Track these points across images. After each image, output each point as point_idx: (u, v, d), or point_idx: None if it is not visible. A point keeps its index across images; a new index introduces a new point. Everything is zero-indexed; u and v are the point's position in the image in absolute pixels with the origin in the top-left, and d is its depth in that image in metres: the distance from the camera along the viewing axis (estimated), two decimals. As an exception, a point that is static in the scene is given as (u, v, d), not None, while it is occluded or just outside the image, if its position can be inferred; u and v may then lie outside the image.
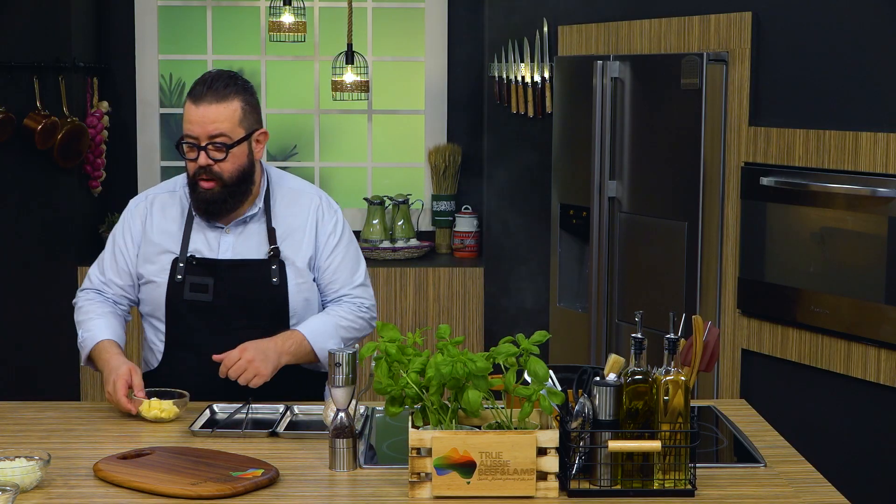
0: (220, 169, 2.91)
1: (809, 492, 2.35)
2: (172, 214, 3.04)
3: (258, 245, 3.01)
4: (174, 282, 2.98)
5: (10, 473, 2.31)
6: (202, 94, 2.88)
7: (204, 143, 2.89)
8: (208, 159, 2.89)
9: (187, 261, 2.98)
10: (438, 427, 2.35)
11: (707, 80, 4.05)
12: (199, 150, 2.89)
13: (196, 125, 2.88)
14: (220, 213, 2.97)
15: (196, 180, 2.93)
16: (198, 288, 2.98)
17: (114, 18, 5.65)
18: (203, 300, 2.98)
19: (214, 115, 2.87)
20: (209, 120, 2.87)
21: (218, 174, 2.91)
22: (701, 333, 2.42)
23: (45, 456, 2.37)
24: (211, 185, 2.92)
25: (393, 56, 5.87)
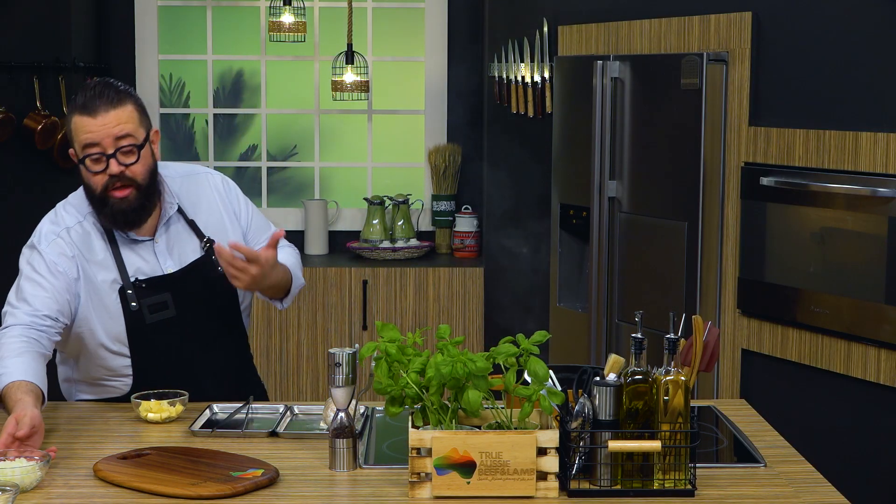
0: (132, 173, 2.80)
1: (809, 492, 2.35)
2: (92, 244, 2.88)
3: (190, 242, 2.96)
4: (131, 311, 2.87)
5: (10, 473, 2.30)
6: (94, 103, 2.76)
7: (111, 150, 2.77)
8: (120, 165, 2.78)
9: (134, 286, 2.88)
10: (438, 427, 2.35)
11: (707, 80, 4.05)
12: (108, 158, 2.78)
13: (99, 133, 2.76)
14: (139, 220, 2.86)
15: (108, 193, 2.80)
16: (157, 308, 2.89)
17: (114, 18, 5.65)
18: (167, 317, 2.91)
19: (116, 119, 2.76)
20: (112, 124, 2.76)
21: (132, 178, 2.80)
22: (701, 333, 2.42)
23: (45, 456, 2.37)
24: (126, 193, 2.80)
25: (393, 56, 5.87)
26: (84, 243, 2.88)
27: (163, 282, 2.90)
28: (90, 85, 2.82)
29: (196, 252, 2.97)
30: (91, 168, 2.80)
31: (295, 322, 5.30)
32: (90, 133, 2.76)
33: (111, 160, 2.78)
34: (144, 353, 2.92)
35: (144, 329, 2.89)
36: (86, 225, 2.90)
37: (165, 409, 2.79)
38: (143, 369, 2.94)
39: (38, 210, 5.21)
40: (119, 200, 2.81)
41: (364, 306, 5.31)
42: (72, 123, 2.80)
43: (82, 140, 2.78)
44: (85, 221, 2.91)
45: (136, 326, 2.89)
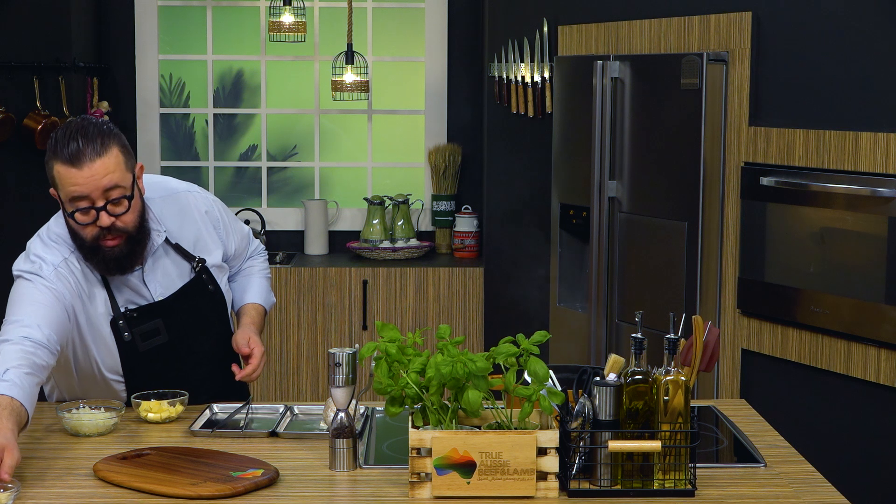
0: (123, 223, 2.70)
1: (809, 492, 2.35)
2: (82, 278, 2.78)
3: (176, 266, 2.91)
4: (124, 342, 2.83)
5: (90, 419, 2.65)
6: (78, 153, 2.61)
7: (101, 202, 2.66)
8: (110, 217, 2.68)
9: (125, 316, 2.82)
10: (438, 427, 2.35)
11: (707, 80, 4.05)
12: (98, 210, 2.66)
13: (86, 186, 2.63)
14: (132, 265, 2.78)
15: (95, 241, 2.70)
16: (150, 335, 2.85)
17: (114, 18, 5.65)
18: (160, 343, 2.87)
19: (103, 170, 2.63)
20: (99, 176, 2.63)
21: (122, 229, 2.71)
22: (701, 333, 2.42)
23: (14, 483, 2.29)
24: (117, 242, 2.71)
25: (393, 56, 5.87)
26: (75, 278, 2.78)
27: (153, 309, 2.86)
28: (71, 127, 2.66)
29: (184, 275, 2.92)
30: (80, 221, 2.68)
31: (295, 322, 5.30)
32: (77, 186, 2.63)
33: (101, 213, 2.67)
34: (139, 380, 2.90)
35: (138, 357, 2.87)
36: (71, 261, 2.78)
37: (165, 409, 2.79)
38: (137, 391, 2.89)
39: (38, 210, 5.22)
40: (110, 249, 2.72)
41: (364, 306, 5.31)
42: (55, 171, 2.65)
43: (69, 192, 2.65)
44: (70, 257, 2.78)
45: (130, 356, 2.86)
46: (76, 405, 2.76)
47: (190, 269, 2.93)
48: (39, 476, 2.44)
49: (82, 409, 2.74)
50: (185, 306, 2.91)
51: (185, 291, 2.91)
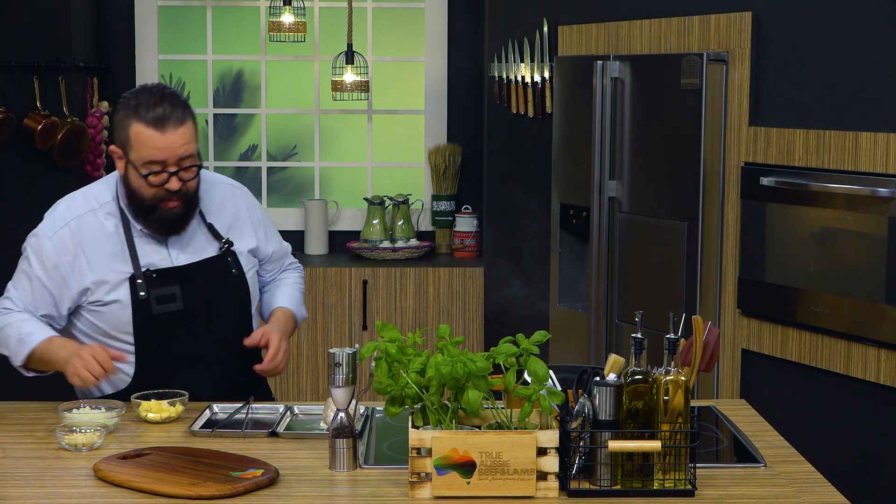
0: (188, 188, 2.87)
1: (809, 492, 2.35)
2: (105, 235, 2.91)
3: (204, 244, 3.00)
4: (139, 300, 2.88)
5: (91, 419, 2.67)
6: (164, 118, 2.80)
7: (174, 168, 2.82)
8: (180, 182, 2.84)
9: (145, 276, 2.90)
10: (438, 427, 2.35)
11: (707, 80, 4.05)
12: (170, 175, 2.82)
13: (164, 151, 2.80)
14: (183, 227, 2.92)
15: (156, 203, 2.85)
16: (166, 299, 2.91)
17: (114, 18, 5.65)
18: (174, 310, 2.92)
19: (181, 139, 2.82)
20: (178, 145, 2.81)
21: (186, 193, 2.87)
22: (701, 333, 2.42)
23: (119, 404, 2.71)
24: (177, 205, 2.87)
25: (393, 56, 5.87)
26: (92, 234, 2.91)
27: (173, 274, 2.92)
28: (154, 92, 2.84)
29: (210, 253, 3.00)
30: (152, 182, 2.82)
31: (295, 322, 5.29)
32: (157, 150, 2.80)
33: (172, 177, 2.83)
34: (148, 344, 2.93)
35: (150, 319, 2.91)
36: (99, 214, 2.93)
37: (165, 409, 2.79)
38: (145, 361, 2.94)
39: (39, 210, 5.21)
40: (169, 210, 2.86)
41: (364, 306, 5.31)
42: (133, 131, 2.80)
43: (146, 155, 2.80)
44: (100, 210, 2.93)
45: (142, 316, 2.90)
46: (77, 405, 2.76)
47: (217, 248, 3.00)
48: (39, 476, 2.44)
49: (82, 409, 2.74)
50: (205, 280, 2.97)
51: (207, 264, 2.97)
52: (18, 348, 2.88)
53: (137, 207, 2.88)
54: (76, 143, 5.19)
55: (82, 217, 2.92)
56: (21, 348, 2.88)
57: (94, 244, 2.90)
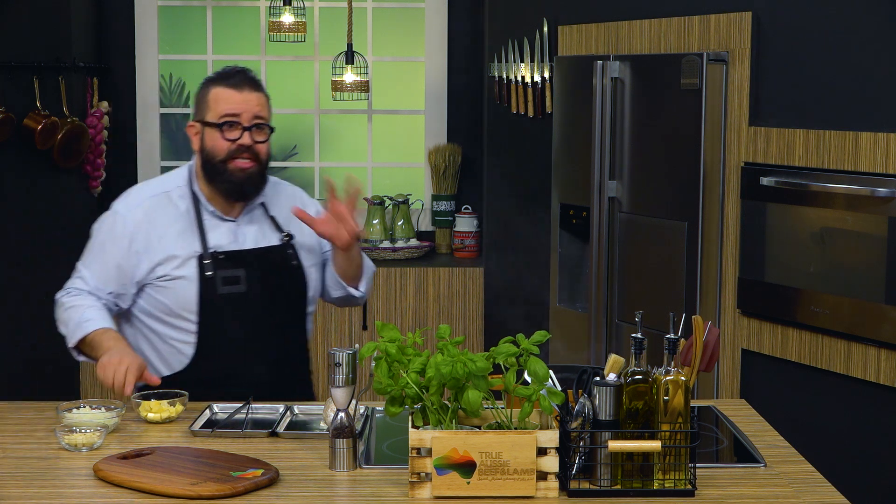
0: (259, 150, 3.02)
1: (809, 492, 2.35)
2: (175, 214, 3.04)
3: (268, 232, 3.11)
4: (205, 278, 2.99)
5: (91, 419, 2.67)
6: (240, 81, 3.02)
7: (248, 124, 2.99)
8: (251, 139, 3.00)
9: (213, 256, 3.00)
10: (438, 427, 2.35)
11: (707, 80, 4.05)
12: (244, 129, 2.99)
13: (240, 106, 2.99)
14: (253, 192, 3.05)
15: (229, 162, 2.99)
16: (230, 281, 3.00)
17: (114, 18, 5.65)
18: (237, 292, 3.01)
19: (256, 100, 3.02)
20: (253, 104, 3.01)
21: (257, 153, 3.01)
22: (701, 333, 2.42)
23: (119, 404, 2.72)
24: (249, 164, 3.00)
25: (393, 56, 5.87)
26: (165, 212, 3.03)
27: (239, 257, 3.02)
28: (233, 67, 3.11)
29: (273, 241, 3.10)
30: (226, 135, 2.98)
31: (295, 322, 5.29)
32: (233, 104, 2.99)
33: (245, 132, 2.99)
34: (210, 324, 2.99)
35: (215, 299, 2.99)
36: (172, 195, 3.06)
37: (165, 409, 2.79)
38: (205, 341, 2.99)
39: (39, 210, 5.23)
40: (240, 171, 2.99)
41: (364, 306, 5.31)
42: (209, 94, 3.02)
43: (222, 109, 2.99)
44: (173, 192, 3.07)
45: (207, 294, 2.99)
46: (76, 405, 2.76)
47: (278, 239, 3.10)
48: (39, 476, 2.44)
49: (82, 409, 2.74)
50: (267, 266, 3.05)
51: (269, 252, 3.07)
52: (75, 331, 2.98)
53: (212, 170, 3.01)
54: (76, 143, 5.19)
55: (155, 197, 3.06)
56: (77, 331, 2.97)
57: (165, 222, 3.02)
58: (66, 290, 3.07)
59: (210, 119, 3.01)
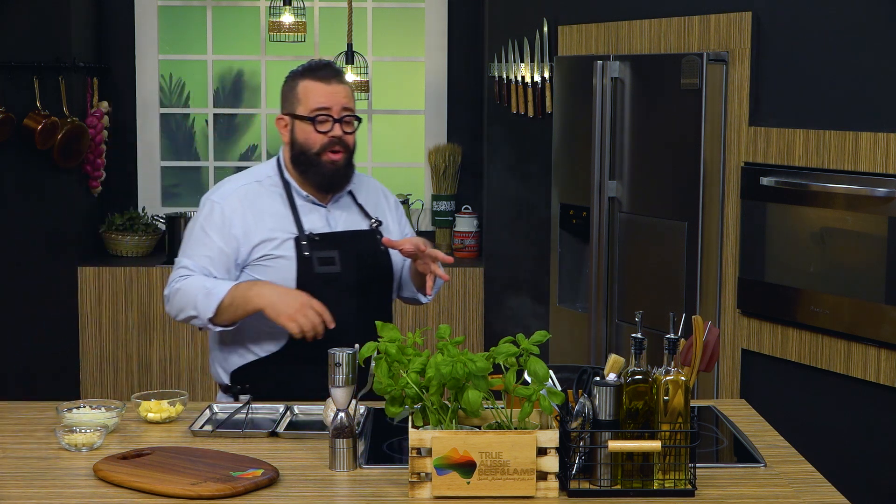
0: (348, 141, 3.10)
1: (809, 492, 2.35)
2: (269, 201, 3.12)
3: (357, 218, 3.19)
4: (303, 257, 3.06)
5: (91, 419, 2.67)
6: (328, 74, 3.09)
7: (337, 116, 3.07)
8: (342, 131, 3.07)
9: (309, 237, 3.07)
10: (438, 427, 2.35)
11: (707, 80, 4.06)
12: (335, 122, 3.06)
13: (330, 99, 3.07)
14: (342, 184, 3.14)
15: (322, 155, 3.07)
16: (326, 261, 3.08)
17: (114, 18, 5.65)
18: (333, 272, 3.08)
19: (344, 92, 3.09)
20: (341, 96, 3.08)
21: (347, 145, 3.09)
22: (701, 333, 2.42)
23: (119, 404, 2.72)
24: (340, 157, 3.08)
25: (393, 56, 5.87)
26: (259, 198, 3.12)
27: (334, 238, 3.12)
28: (318, 60, 3.16)
29: (362, 226, 3.19)
30: (319, 128, 3.07)
31: (295, 322, 5.29)
32: (323, 98, 3.07)
33: (336, 124, 3.07)
34: None
35: (312, 278, 3.06)
36: (265, 184, 3.15)
37: (165, 409, 2.79)
38: None
39: (38, 210, 5.23)
40: (331, 163, 3.08)
41: (364, 306, 5.30)
42: (299, 87, 3.10)
43: (313, 103, 3.07)
44: (265, 181, 3.16)
45: (305, 273, 3.06)
46: (76, 405, 2.76)
47: (368, 225, 3.20)
48: (39, 476, 2.44)
49: (82, 409, 2.74)
50: (359, 249, 3.14)
51: (361, 236, 3.17)
52: (206, 302, 2.99)
53: (303, 163, 3.09)
54: (76, 143, 5.19)
55: (249, 185, 3.15)
56: (209, 301, 2.99)
57: (260, 207, 3.11)
58: (172, 282, 3.09)
59: (301, 112, 3.09)
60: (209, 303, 2.98)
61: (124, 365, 5.27)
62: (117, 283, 5.25)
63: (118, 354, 5.27)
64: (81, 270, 5.24)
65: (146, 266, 5.28)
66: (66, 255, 5.27)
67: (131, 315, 5.26)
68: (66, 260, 5.27)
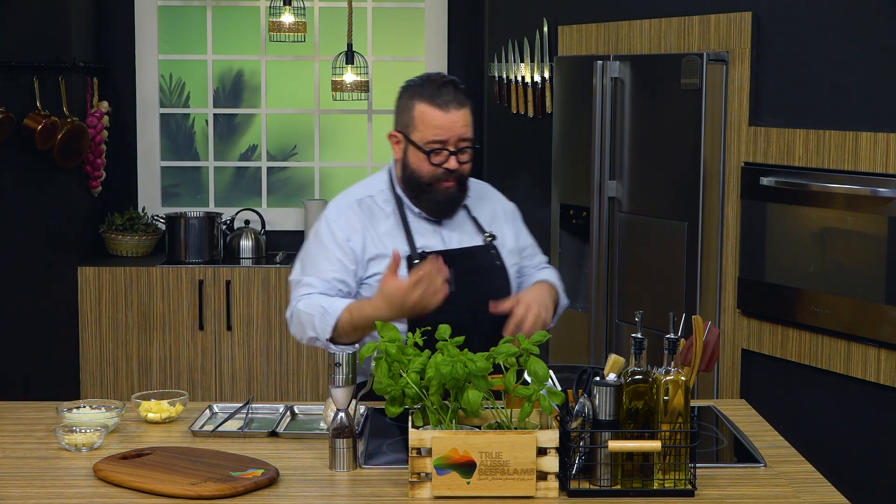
0: (464, 171, 3.00)
1: (809, 492, 2.35)
2: (383, 215, 3.06)
3: (471, 233, 3.11)
4: None
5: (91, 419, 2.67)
6: (448, 101, 2.95)
7: (453, 148, 2.96)
8: (457, 163, 2.97)
9: (421, 256, 3.00)
10: (438, 427, 2.35)
11: (707, 80, 4.05)
12: (450, 154, 2.96)
13: (446, 130, 2.94)
14: (454, 208, 3.06)
15: (433, 182, 2.98)
16: None
17: (114, 18, 5.65)
18: None
19: (462, 121, 2.96)
20: (459, 125, 2.95)
21: (461, 175, 3.00)
22: (701, 333, 2.42)
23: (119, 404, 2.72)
24: (452, 185, 2.99)
25: (393, 56, 5.87)
26: (373, 213, 3.06)
27: (447, 257, 2.99)
28: (438, 78, 3.00)
29: (478, 242, 3.11)
30: (433, 160, 2.96)
31: (295, 322, 5.29)
32: (440, 129, 2.94)
33: (451, 157, 2.96)
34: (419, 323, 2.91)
35: None
36: (377, 199, 3.08)
37: (165, 409, 2.79)
38: None
39: (38, 210, 5.23)
40: (443, 191, 2.99)
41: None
42: (416, 111, 2.96)
43: (430, 134, 2.95)
44: (377, 196, 3.08)
45: None
46: (77, 405, 2.76)
47: (482, 239, 3.12)
48: (39, 476, 2.44)
49: (82, 409, 2.74)
50: (472, 266, 3.06)
51: (475, 252, 3.08)
52: (323, 322, 2.91)
53: (415, 187, 3.01)
54: (76, 143, 5.19)
55: (362, 200, 3.08)
56: (326, 321, 2.91)
57: (375, 222, 3.05)
58: (292, 302, 3.02)
59: (416, 139, 2.97)
60: (325, 325, 2.91)
61: (124, 365, 5.27)
62: (117, 283, 5.25)
63: (118, 354, 5.27)
64: (81, 270, 5.24)
65: (146, 266, 5.28)
66: (66, 255, 5.28)
67: (131, 315, 5.26)
68: (66, 260, 5.27)
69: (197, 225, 5.41)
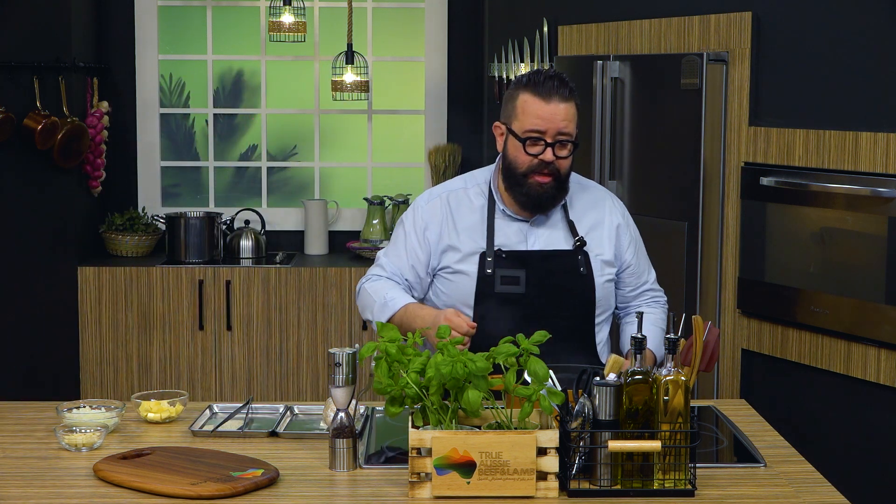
0: (560, 165, 2.95)
1: (809, 492, 2.35)
2: (470, 209, 3.06)
3: (562, 236, 3.05)
4: (484, 274, 2.99)
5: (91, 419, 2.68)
6: (551, 90, 2.91)
7: (551, 140, 2.92)
8: (553, 156, 2.93)
9: (496, 254, 2.99)
10: (438, 427, 2.35)
11: (707, 80, 4.05)
12: (547, 145, 2.92)
13: (546, 121, 2.91)
14: (549, 207, 3.01)
15: (529, 175, 2.95)
16: (509, 280, 2.99)
17: (114, 18, 5.65)
18: (515, 292, 2.98)
19: (564, 114, 2.92)
20: (559, 118, 2.91)
21: (556, 170, 2.95)
22: (701, 333, 2.42)
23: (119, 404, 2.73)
24: (547, 180, 2.95)
25: (393, 56, 5.87)
26: (460, 205, 3.07)
27: (522, 257, 2.99)
28: (546, 71, 2.97)
29: (564, 245, 3.05)
30: (529, 150, 2.93)
31: (295, 322, 5.29)
32: (540, 119, 2.91)
33: (548, 148, 2.92)
34: (484, 319, 2.97)
35: (491, 296, 2.99)
36: (470, 192, 3.08)
37: (165, 409, 2.79)
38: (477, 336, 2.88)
39: (39, 210, 5.23)
40: (538, 185, 2.95)
41: (364, 306, 5.30)
42: (519, 100, 2.94)
43: (528, 123, 2.92)
44: (472, 188, 3.09)
45: (484, 290, 2.99)
46: (77, 405, 2.76)
47: (571, 244, 3.05)
48: (39, 476, 2.44)
49: (82, 409, 2.74)
50: (551, 270, 3.01)
51: (556, 256, 3.02)
52: (381, 312, 3.01)
53: (510, 178, 2.98)
54: (76, 143, 5.19)
55: (454, 191, 3.10)
56: (384, 312, 3.00)
57: (459, 214, 3.06)
58: (367, 278, 3.13)
59: (515, 128, 2.95)
60: (381, 315, 3.00)
61: (124, 365, 5.27)
62: (117, 283, 5.25)
63: (118, 354, 5.27)
64: (81, 270, 5.24)
65: (146, 266, 5.28)
66: (66, 255, 5.27)
67: (131, 315, 5.26)
68: (66, 260, 5.27)
69: (197, 225, 5.41)
